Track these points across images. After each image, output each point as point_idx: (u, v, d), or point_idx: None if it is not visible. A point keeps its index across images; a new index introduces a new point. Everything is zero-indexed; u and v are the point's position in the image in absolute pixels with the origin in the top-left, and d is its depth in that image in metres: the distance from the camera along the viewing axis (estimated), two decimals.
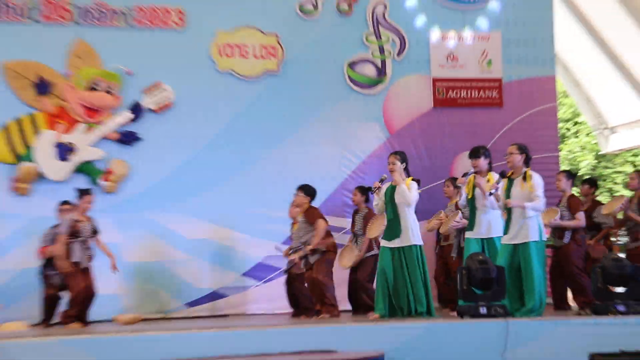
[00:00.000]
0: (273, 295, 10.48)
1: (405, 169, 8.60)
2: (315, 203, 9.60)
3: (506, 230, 8.38)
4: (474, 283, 8.01)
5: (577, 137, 21.54)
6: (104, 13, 10.34)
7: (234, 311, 10.66)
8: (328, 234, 9.42)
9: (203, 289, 10.59)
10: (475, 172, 8.64)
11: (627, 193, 11.65)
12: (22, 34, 10.22)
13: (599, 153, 18.49)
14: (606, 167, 20.47)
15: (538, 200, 8.26)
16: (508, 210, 8.37)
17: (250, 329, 8.19)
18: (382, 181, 8.48)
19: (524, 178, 8.24)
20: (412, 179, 8.53)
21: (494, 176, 8.47)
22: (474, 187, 8.53)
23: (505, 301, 8.08)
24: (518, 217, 8.28)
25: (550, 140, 11.60)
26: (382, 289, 8.55)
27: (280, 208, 10.07)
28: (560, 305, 9.40)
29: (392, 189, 8.48)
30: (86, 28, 10.30)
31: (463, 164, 10.38)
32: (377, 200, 8.72)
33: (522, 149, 8.48)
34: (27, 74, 10.19)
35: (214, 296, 10.64)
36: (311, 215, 9.34)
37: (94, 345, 7.07)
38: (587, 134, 20.39)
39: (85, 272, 9.03)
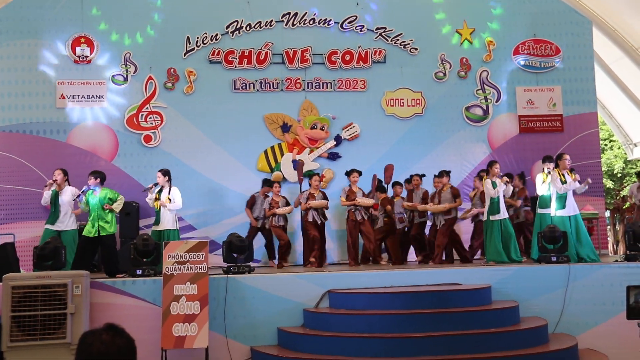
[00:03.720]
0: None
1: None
2: None
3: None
4: (547, 242, 9.15)
5: (612, 149, 22.11)
6: (319, 84, 12.21)
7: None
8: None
9: None
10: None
11: None
12: (275, 97, 12.10)
13: (627, 159, 19.59)
14: (631, 168, 21.50)
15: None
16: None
17: (406, 270, 9.29)
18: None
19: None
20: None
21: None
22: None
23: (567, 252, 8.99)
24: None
25: (594, 152, 12.52)
26: (497, 245, 9.72)
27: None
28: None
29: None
30: (310, 93, 12.17)
31: (538, 167, 11.41)
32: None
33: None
34: (277, 120, 12.09)
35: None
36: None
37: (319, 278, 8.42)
38: (619, 147, 21.10)
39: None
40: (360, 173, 10.77)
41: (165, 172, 9.82)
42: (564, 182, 9.59)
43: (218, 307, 7.98)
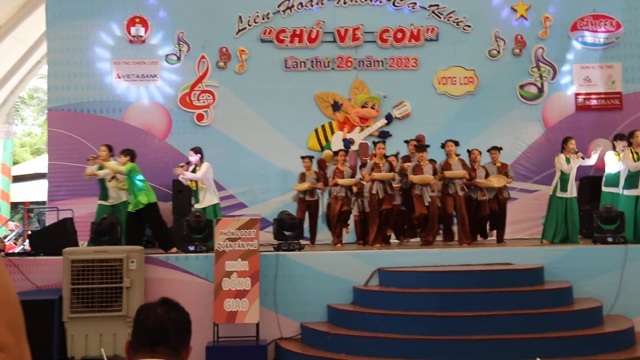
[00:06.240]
0: None
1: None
2: None
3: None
4: (603, 222, 8.99)
5: None
6: (371, 62, 12.15)
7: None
8: None
9: None
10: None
11: None
12: (326, 76, 12.11)
13: None
14: None
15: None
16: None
17: (458, 249, 9.07)
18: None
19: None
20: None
21: None
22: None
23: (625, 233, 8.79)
24: None
25: None
26: (558, 224, 9.68)
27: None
28: None
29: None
30: (361, 71, 12.13)
31: (595, 146, 11.37)
32: None
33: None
34: (328, 99, 12.13)
35: None
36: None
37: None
38: None
39: None
40: (456, 143, 10.03)
41: (197, 150, 9.95)
42: (637, 160, 9.32)
43: (269, 284, 8.08)
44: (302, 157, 10.61)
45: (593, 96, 12.34)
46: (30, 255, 8.58)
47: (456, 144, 9.98)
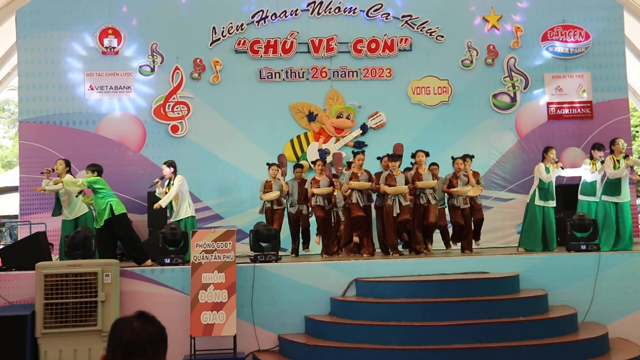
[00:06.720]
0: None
1: None
2: None
3: None
4: (576, 230, 9.08)
5: None
6: (345, 72, 12.24)
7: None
8: None
9: None
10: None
11: None
12: (301, 87, 12.22)
13: None
14: None
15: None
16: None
17: (434, 258, 8.93)
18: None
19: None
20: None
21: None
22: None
23: (597, 240, 8.95)
24: None
25: (625, 139, 11.13)
26: (536, 233, 9.69)
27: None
28: None
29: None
30: (336, 82, 12.26)
31: (568, 155, 11.93)
32: None
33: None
34: (303, 110, 12.21)
35: None
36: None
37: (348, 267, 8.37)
38: None
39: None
40: (427, 154, 10.00)
41: (170, 164, 9.76)
42: (617, 168, 9.41)
43: (246, 296, 7.99)
44: (268, 165, 10.49)
45: (565, 105, 12.51)
46: (1, 270, 8.39)
47: (426, 154, 10.00)
